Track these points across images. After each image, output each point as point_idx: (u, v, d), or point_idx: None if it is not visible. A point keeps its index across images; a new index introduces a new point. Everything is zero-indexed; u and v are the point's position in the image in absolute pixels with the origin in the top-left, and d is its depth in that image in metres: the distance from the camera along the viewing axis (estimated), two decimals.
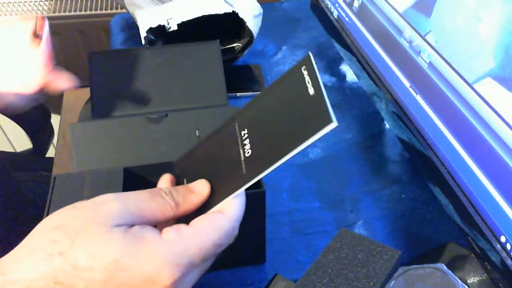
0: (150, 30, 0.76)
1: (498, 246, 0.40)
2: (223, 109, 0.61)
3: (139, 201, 0.35)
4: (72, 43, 1.35)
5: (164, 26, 0.76)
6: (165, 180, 0.43)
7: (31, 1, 1.35)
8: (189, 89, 0.64)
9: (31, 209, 0.78)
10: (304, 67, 0.36)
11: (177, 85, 0.64)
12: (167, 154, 0.57)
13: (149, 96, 0.64)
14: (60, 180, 0.49)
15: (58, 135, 0.79)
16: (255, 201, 0.49)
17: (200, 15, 0.75)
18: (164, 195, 0.37)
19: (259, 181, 0.48)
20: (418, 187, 0.65)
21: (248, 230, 0.51)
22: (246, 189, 0.48)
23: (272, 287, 0.49)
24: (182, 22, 0.75)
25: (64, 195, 0.47)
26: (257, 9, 0.81)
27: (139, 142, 0.57)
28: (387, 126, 0.75)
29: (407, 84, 0.53)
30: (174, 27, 0.75)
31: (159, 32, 0.78)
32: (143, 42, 0.77)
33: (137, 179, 0.50)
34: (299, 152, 0.35)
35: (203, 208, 0.39)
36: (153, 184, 0.51)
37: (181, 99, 0.63)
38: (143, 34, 0.76)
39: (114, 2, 1.34)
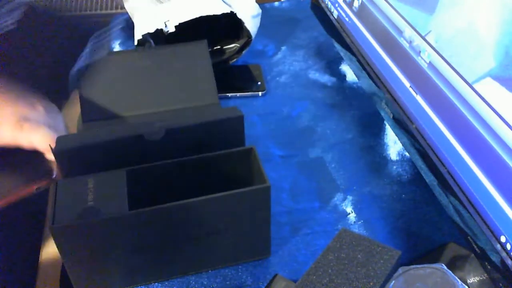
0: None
1: (498, 246, 0.40)
2: (218, 108, 0.61)
3: None
4: None
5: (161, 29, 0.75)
6: None
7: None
8: (179, 89, 0.64)
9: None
10: None
11: (167, 85, 0.64)
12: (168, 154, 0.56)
13: (139, 98, 0.63)
14: (62, 184, 0.48)
15: None
16: (260, 196, 0.49)
17: (198, 15, 0.75)
18: None
19: (264, 176, 0.48)
20: (418, 187, 0.65)
21: (254, 224, 0.51)
22: (251, 185, 0.48)
23: (272, 287, 0.49)
24: (180, 23, 0.75)
25: (68, 199, 0.46)
26: (256, 9, 0.81)
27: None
28: (387, 126, 0.75)
29: (407, 84, 0.53)
30: (172, 29, 0.75)
31: (157, 33, 0.77)
32: (135, 43, 0.76)
33: (141, 180, 0.50)
34: (299, 152, 0.35)
35: None
36: (157, 185, 0.51)
37: (171, 100, 0.63)
38: (138, 37, 0.75)
39: (114, 2, 1.34)
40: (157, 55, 0.66)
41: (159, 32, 0.76)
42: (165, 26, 0.74)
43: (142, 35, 0.75)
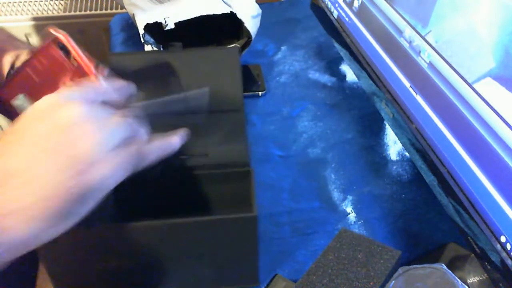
0: (148, 30, 0.76)
1: (498, 246, 0.40)
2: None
3: None
4: None
5: (161, 23, 0.75)
6: None
7: (31, 1, 1.35)
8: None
9: None
10: None
11: (194, 89, 0.64)
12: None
13: None
14: None
15: None
16: (246, 226, 0.48)
17: (198, 15, 0.75)
18: None
19: (251, 205, 0.47)
20: (418, 187, 0.65)
21: (240, 252, 0.50)
22: (237, 213, 0.47)
23: (272, 287, 0.49)
24: (180, 22, 0.75)
25: None
26: (256, 9, 0.81)
27: None
28: (387, 126, 0.75)
29: (407, 84, 0.53)
30: (171, 25, 0.74)
31: (157, 32, 0.77)
32: (142, 40, 0.76)
33: (134, 194, 0.50)
34: (299, 152, 0.35)
35: None
36: (150, 201, 0.51)
37: None
38: (141, 31, 0.75)
39: (114, 2, 1.34)
40: (187, 57, 0.66)
41: (162, 32, 0.76)
42: (165, 22, 0.74)
43: (144, 30, 0.75)
